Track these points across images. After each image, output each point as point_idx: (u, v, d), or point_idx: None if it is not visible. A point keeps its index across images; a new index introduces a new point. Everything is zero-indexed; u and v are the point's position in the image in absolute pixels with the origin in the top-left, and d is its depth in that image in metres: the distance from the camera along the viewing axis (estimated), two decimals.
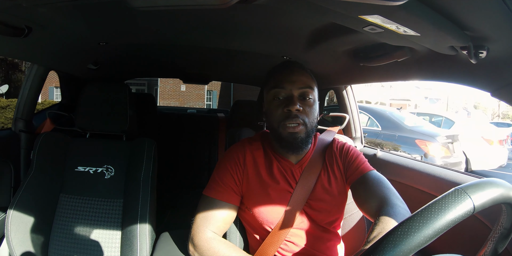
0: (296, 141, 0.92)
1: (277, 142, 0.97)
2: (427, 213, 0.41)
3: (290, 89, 0.93)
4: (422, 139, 4.99)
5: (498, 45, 0.70)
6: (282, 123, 0.92)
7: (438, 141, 4.98)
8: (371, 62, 1.13)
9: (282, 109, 0.92)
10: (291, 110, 0.90)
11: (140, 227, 1.21)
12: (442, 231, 0.40)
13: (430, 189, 1.25)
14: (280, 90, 0.93)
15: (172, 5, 0.67)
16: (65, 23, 1.01)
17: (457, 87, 21.31)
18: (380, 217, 0.77)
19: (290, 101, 0.91)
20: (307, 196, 0.95)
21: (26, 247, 1.13)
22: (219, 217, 0.93)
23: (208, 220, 0.92)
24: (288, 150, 0.96)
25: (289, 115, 0.91)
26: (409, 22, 0.67)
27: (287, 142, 0.93)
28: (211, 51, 1.60)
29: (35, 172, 1.25)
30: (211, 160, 2.45)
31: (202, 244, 0.88)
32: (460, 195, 0.42)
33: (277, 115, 0.93)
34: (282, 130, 0.92)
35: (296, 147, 0.94)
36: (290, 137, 0.92)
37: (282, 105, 0.92)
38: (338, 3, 0.64)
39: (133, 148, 1.40)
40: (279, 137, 0.94)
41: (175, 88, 14.06)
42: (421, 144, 4.96)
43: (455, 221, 0.41)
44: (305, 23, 1.04)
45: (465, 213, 0.41)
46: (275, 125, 0.94)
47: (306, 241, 0.95)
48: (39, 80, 1.52)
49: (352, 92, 1.83)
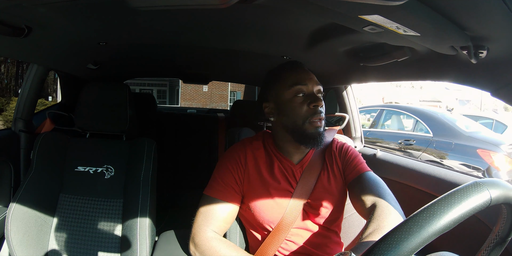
0: (320, 136, 0.94)
1: (296, 139, 0.96)
2: (448, 199, 0.43)
3: (311, 86, 0.95)
4: (485, 149, 3.96)
5: (498, 45, 0.70)
6: (310, 119, 0.92)
7: (503, 150, 3.94)
8: (371, 62, 1.14)
9: (308, 106, 0.93)
10: (317, 106, 0.92)
11: (140, 227, 1.21)
12: (461, 219, 0.42)
13: (430, 189, 1.25)
14: (302, 86, 0.95)
15: (171, 5, 0.67)
16: (65, 23, 1.01)
17: None
18: (374, 215, 0.80)
19: (315, 97, 0.93)
20: (308, 195, 0.96)
21: (26, 247, 1.13)
22: (219, 217, 0.93)
23: (209, 220, 0.92)
24: (312, 145, 0.95)
25: (316, 111, 0.92)
26: (409, 22, 0.67)
27: (313, 138, 0.93)
28: (211, 51, 1.60)
29: (35, 172, 1.25)
30: (211, 160, 2.45)
31: (202, 243, 0.89)
32: (479, 187, 0.44)
33: (303, 112, 0.93)
34: (309, 126, 0.93)
35: (319, 142, 0.95)
36: (316, 133, 0.93)
37: (307, 102, 0.93)
38: (338, 3, 0.64)
39: (133, 148, 1.40)
40: (302, 134, 0.94)
41: (197, 89, 13.51)
42: (484, 154, 3.94)
43: (474, 210, 0.43)
44: (305, 23, 1.04)
45: (483, 203, 0.43)
46: (300, 122, 0.94)
47: (306, 241, 0.96)
48: (39, 80, 1.52)
49: (352, 92, 1.83)
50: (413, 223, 0.42)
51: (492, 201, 0.43)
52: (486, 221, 0.98)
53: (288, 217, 0.93)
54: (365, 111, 6.15)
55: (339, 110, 1.87)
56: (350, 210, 1.20)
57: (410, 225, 0.42)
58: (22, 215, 1.15)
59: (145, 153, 1.36)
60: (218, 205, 0.94)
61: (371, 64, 1.15)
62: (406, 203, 0.88)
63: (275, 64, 1.05)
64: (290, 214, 0.94)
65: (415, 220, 0.42)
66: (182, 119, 2.62)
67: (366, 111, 6.16)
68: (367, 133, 5.22)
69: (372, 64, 1.15)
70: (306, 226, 0.96)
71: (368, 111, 6.10)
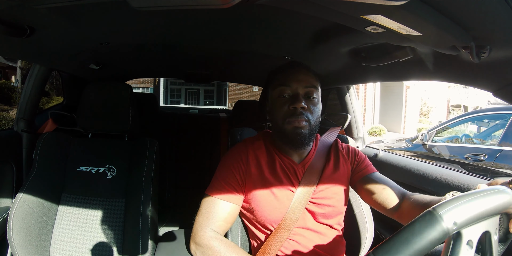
0: (299, 136, 0.93)
1: (280, 139, 0.99)
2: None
3: (296, 88, 0.95)
4: None
5: (500, 44, 0.69)
6: (287, 119, 0.93)
7: None
8: (373, 62, 1.13)
9: (288, 107, 0.93)
10: (296, 108, 0.92)
11: (142, 226, 1.22)
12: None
13: (431, 189, 1.25)
14: (286, 88, 0.95)
15: (173, 5, 0.67)
16: (67, 23, 1.02)
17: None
18: (413, 197, 0.86)
19: (296, 98, 0.93)
20: (310, 195, 0.96)
21: (28, 246, 1.13)
22: (220, 217, 0.93)
23: (210, 219, 0.92)
24: (291, 146, 0.97)
25: (295, 113, 0.92)
26: (411, 22, 0.67)
27: (291, 138, 0.94)
28: (213, 51, 1.60)
29: (37, 172, 1.26)
30: (213, 160, 2.45)
31: (203, 243, 0.89)
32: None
33: (282, 112, 0.94)
34: (287, 125, 0.93)
35: (299, 143, 0.95)
36: (293, 133, 0.93)
37: (288, 103, 0.94)
38: (340, 3, 0.64)
39: (135, 148, 1.40)
40: (282, 133, 0.96)
41: (246, 88, 12.64)
42: None
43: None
44: (306, 23, 1.04)
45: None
46: (280, 121, 0.95)
47: (308, 240, 0.96)
48: (41, 80, 1.53)
49: (354, 92, 1.83)
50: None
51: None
52: None
53: (290, 217, 0.94)
54: (475, 118, 4.52)
55: (342, 110, 1.87)
56: (352, 209, 1.21)
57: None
58: (24, 215, 1.16)
59: (147, 153, 1.36)
60: (219, 205, 0.94)
61: (373, 64, 1.15)
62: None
63: (277, 64, 1.05)
64: (292, 213, 0.94)
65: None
66: (184, 119, 2.62)
67: (478, 118, 4.48)
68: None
69: (374, 64, 1.15)
70: (308, 225, 0.97)
71: (480, 117, 4.45)
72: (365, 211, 1.20)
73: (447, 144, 4.28)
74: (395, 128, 13.63)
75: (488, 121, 4.32)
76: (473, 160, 3.60)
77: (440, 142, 4.39)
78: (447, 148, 4.16)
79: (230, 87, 13.14)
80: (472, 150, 3.72)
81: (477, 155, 3.58)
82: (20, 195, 1.18)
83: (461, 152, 3.85)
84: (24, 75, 9.64)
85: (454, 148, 4.09)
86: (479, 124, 4.62)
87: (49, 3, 0.82)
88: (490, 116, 4.22)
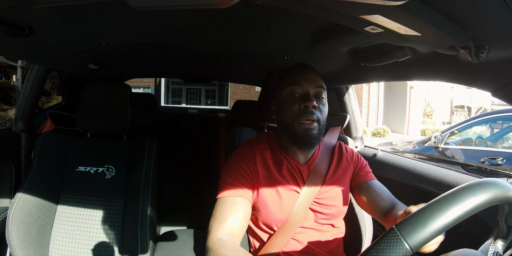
0: (310, 137, 0.94)
1: (289, 138, 0.98)
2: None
3: (306, 87, 0.96)
4: None
5: (499, 44, 0.70)
6: (298, 118, 0.93)
7: None
8: (372, 62, 1.14)
9: (299, 105, 0.94)
10: (308, 106, 0.93)
11: (141, 226, 1.21)
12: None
13: (430, 189, 1.25)
14: (297, 87, 0.96)
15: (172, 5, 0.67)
16: (66, 23, 1.01)
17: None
18: (399, 211, 0.85)
19: (307, 97, 0.94)
20: (314, 195, 0.97)
21: (27, 247, 1.13)
22: (234, 215, 0.89)
23: (220, 222, 0.88)
24: (300, 146, 0.97)
25: (306, 111, 0.93)
26: (410, 22, 0.67)
27: (301, 138, 0.94)
28: (212, 51, 1.60)
29: (36, 172, 1.25)
30: (212, 160, 2.44)
31: (210, 246, 0.86)
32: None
33: (293, 111, 0.94)
34: (297, 125, 0.94)
35: (308, 144, 0.96)
36: (304, 133, 0.93)
37: (299, 102, 0.94)
38: (338, 3, 0.64)
39: (134, 148, 1.40)
40: (292, 133, 0.96)
41: (248, 88, 12.46)
42: None
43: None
44: (305, 23, 1.04)
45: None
46: (290, 120, 0.95)
47: (309, 239, 0.97)
48: (39, 80, 1.52)
49: (353, 92, 1.83)
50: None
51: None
52: (486, 221, 0.98)
53: (294, 217, 0.94)
54: (489, 120, 4.28)
55: (340, 110, 1.87)
56: (353, 210, 1.21)
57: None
58: (23, 215, 1.16)
59: (146, 153, 1.36)
60: (232, 203, 0.91)
61: (372, 64, 1.15)
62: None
63: (276, 64, 1.06)
64: (296, 214, 0.94)
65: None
66: (183, 119, 2.62)
67: (491, 120, 4.26)
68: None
69: (373, 64, 1.15)
70: (311, 225, 0.97)
71: (494, 119, 4.23)
72: (364, 211, 1.20)
73: (461, 147, 4.10)
74: (398, 129, 13.56)
75: (502, 123, 4.17)
76: (490, 164, 3.43)
77: (453, 144, 4.19)
78: (461, 151, 3.99)
79: (232, 87, 13.08)
80: (489, 154, 3.56)
81: (494, 159, 3.41)
82: (19, 195, 1.18)
83: (476, 155, 3.68)
84: (24, 75, 9.62)
85: (469, 151, 3.91)
86: (492, 126, 4.42)
87: (47, 3, 0.81)
88: (504, 118, 4.09)
